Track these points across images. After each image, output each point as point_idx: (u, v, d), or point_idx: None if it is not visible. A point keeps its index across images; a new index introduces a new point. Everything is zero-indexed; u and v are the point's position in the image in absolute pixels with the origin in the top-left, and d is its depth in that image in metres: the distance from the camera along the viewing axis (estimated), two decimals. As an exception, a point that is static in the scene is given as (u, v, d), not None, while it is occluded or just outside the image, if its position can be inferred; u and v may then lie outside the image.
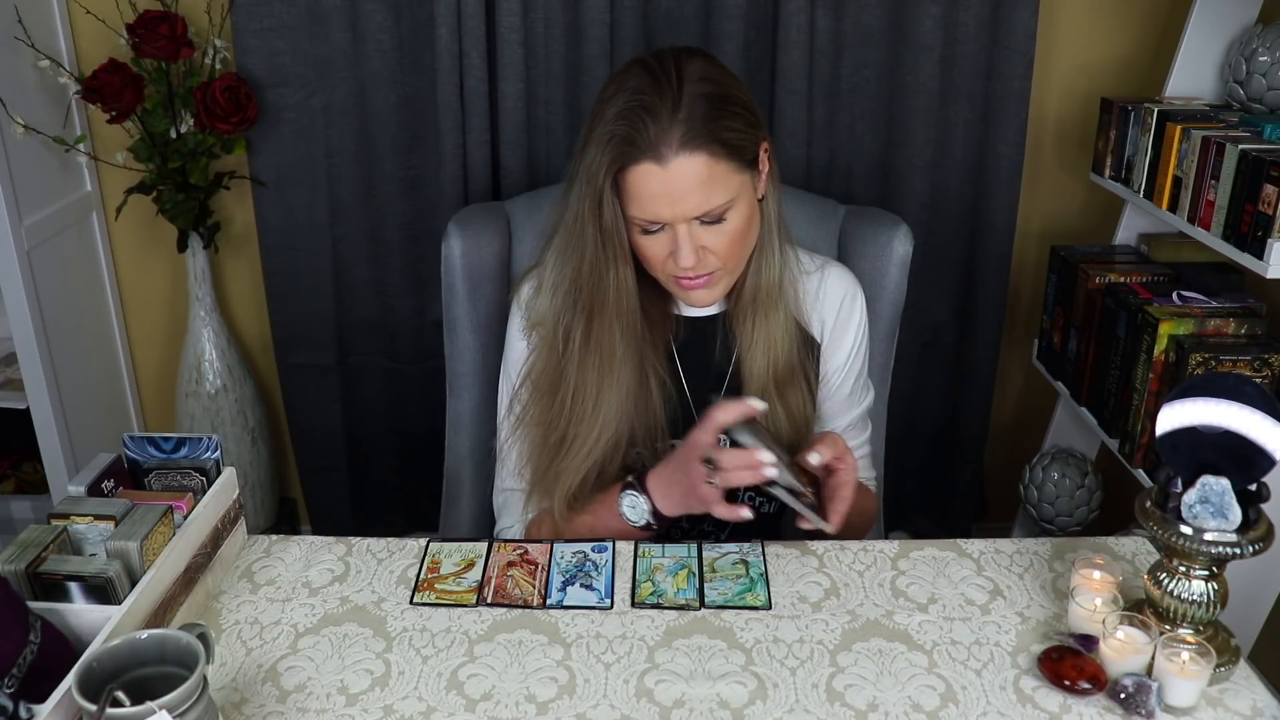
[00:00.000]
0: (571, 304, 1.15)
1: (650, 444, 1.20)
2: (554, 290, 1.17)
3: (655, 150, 1.04)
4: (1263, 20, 1.72)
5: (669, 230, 1.09)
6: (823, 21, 1.83)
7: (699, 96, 1.05)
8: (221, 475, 1.13)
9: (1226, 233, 1.46)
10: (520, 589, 1.10)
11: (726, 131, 1.06)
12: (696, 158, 1.05)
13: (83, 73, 1.88)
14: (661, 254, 1.12)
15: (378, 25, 1.85)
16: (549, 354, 1.19)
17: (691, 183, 1.05)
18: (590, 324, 1.14)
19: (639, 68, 1.09)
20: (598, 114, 1.09)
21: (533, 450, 1.23)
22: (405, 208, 1.99)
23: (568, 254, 1.14)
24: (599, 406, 1.16)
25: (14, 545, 0.95)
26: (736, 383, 1.24)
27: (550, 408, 1.19)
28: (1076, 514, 1.97)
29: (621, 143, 1.05)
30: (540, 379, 1.21)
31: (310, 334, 2.08)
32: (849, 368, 1.29)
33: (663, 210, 1.07)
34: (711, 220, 1.09)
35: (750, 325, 1.20)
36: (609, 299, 1.13)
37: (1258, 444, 0.91)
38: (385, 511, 2.26)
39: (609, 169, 1.06)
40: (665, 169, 1.05)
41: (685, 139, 1.04)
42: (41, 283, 1.87)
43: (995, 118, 1.90)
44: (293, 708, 0.94)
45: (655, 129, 1.04)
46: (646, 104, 1.05)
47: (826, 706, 0.94)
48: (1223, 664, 0.95)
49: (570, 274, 1.14)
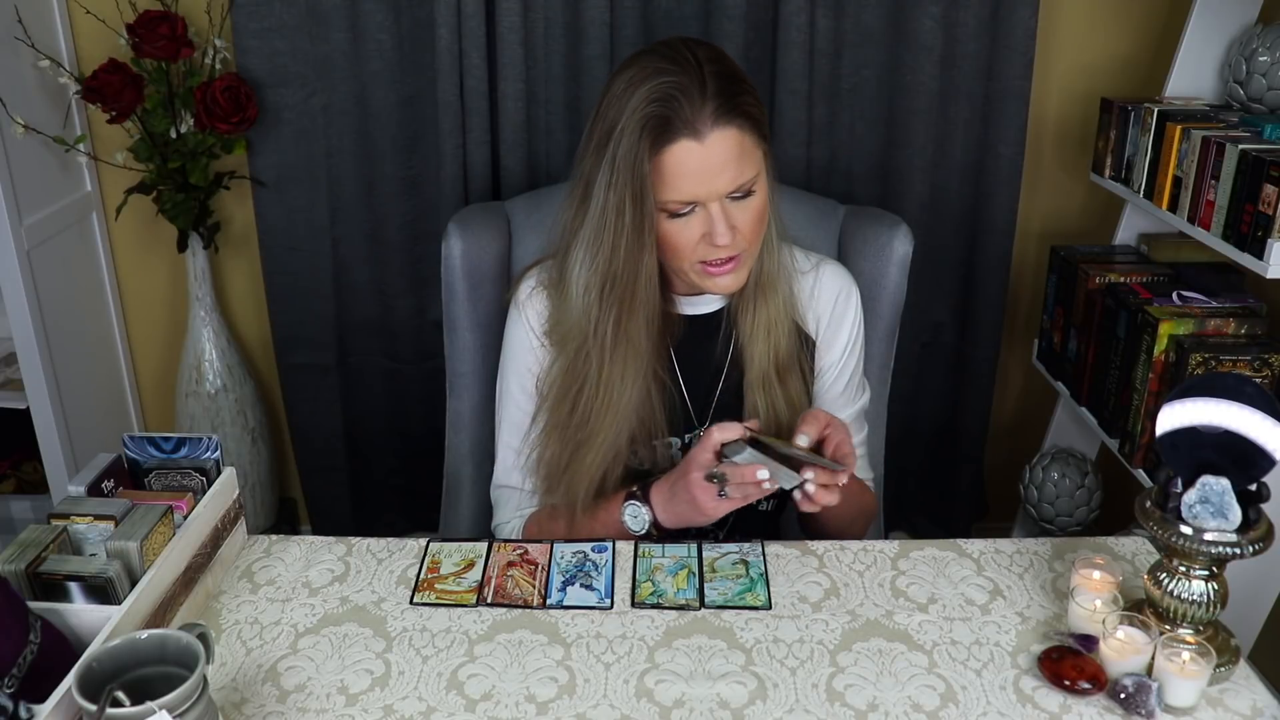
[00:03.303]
0: (602, 298, 1.15)
1: (648, 442, 1.21)
2: (584, 289, 1.16)
3: (692, 127, 1.06)
4: (1263, 20, 1.72)
5: (700, 212, 1.10)
6: (823, 21, 1.83)
7: (718, 74, 1.08)
8: (221, 475, 1.13)
9: (1226, 233, 1.46)
10: (520, 589, 1.10)
11: (748, 105, 1.10)
12: (729, 131, 1.07)
13: (83, 73, 1.88)
14: (692, 239, 1.12)
15: (378, 25, 1.85)
16: (577, 353, 1.19)
17: (727, 157, 1.08)
18: (621, 316, 1.15)
19: (652, 56, 1.10)
20: (614, 108, 1.08)
21: (554, 449, 1.22)
22: (405, 208, 1.99)
23: (597, 249, 1.13)
24: (620, 398, 1.17)
25: (14, 545, 0.95)
26: (735, 375, 1.24)
27: (577, 408, 1.19)
28: (1076, 514, 1.97)
29: (658, 124, 1.06)
30: (566, 380, 1.20)
31: (310, 334, 2.08)
32: (843, 365, 1.29)
33: (700, 188, 1.08)
34: (741, 195, 1.11)
35: (752, 314, 1.21)
36: (640, 288, 1.13)
37: (1258, 444, 0.91)
38: (385, 511, 2.26)
39: (649, 152, 1.07)
40: (704, 144, 1.07)
41: (718, 113, 1.07)
42: (41, 283, 1.87)
43: (995, 118, 1.90)
44: (293, 708, 0.94)
45: (690, 107, 1.06)
46: (677, 84, 1.06)
47: (826, 706, 0.94)
48: (1223, 664, 0.95)
49: (601, 267, 1.13)
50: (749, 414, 1.22)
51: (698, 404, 1.26)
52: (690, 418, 1.26)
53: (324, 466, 2.20)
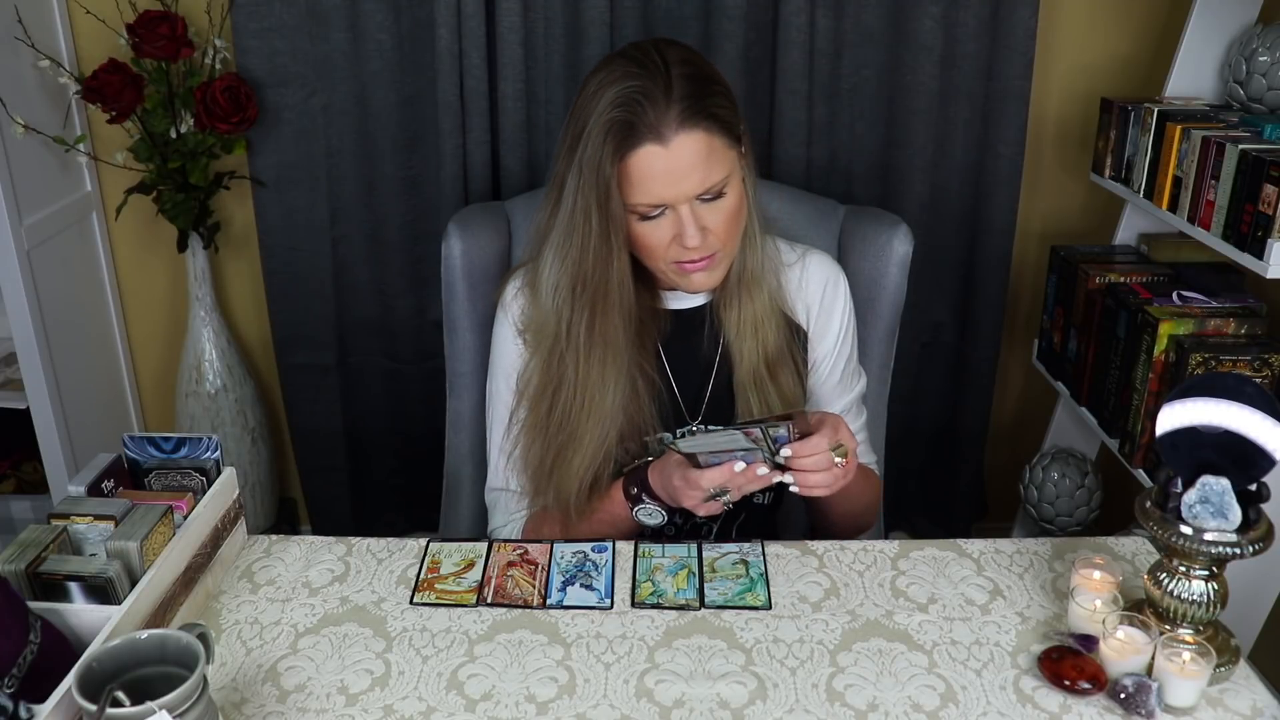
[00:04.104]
0: (573, 299, 1.15)
1: (639, 438, 1.21)
2: (554, 289, 1.17)
3: (657, 132, 1.07)
4: (1263, 20, 1.72)
5: (670, 214, 1.11)
6: (823, 21, 1.83)
7: (685, 77, 1.08)
8: (221, 475, 1.13)
9: (1226, 233, 1.46)
10: (520, 589, 1.10)
11: (716, 108, 1.09)
12: (695, 135, 1.07)
13: (83, 73, 1.88)
14: (663, 240, 1.12)
15: (378, 25, 1.85)
16: (550, 355, 1.19)
17: (693, 160, 1.08)
18: (594, 317, 1.15)
19: (621, 60, 1.11)
20: (585, 110, 1.10)
21: (537, 450, 1.23)
22: (405, 208, 1.99)
23: (566, 250, 1.14)
24: (603, 400, 1.17)
25: (14, 545, 0.95)
26: (726, 371, 1.24)
27: (555, 407, 1.19)
28: (1076, 514, 1.97)
29: (622, 129, 1.07)
30: (542, 381, 1.21)
31: (310, 334, 2.08)
32: (838, 352, 1.29)
33: (667, 191, 1.09)
34: (712, 197, 1.11)
35: (737, 311, 1.21)
36: (612, 289, 1.14)
37: (1258, 444, 0.91)
38: (385, 511, 2.26)
39: (613, 157, 1.07)
40: (668, 149, 1.07)
41: (683, 117, 1.07)
42: (41, 283, 1.87)
43: (995, 118, 1.90)
44: (293, 708, 0.94)
45: (654, 112, 1.06)
46: (641, 89, 1.07)
47: (826, 706, 0.94)
48: (1223, 664, 0.95)
49: (570, 269, 1.14)
50: (742, 411, 1.23)
51: (689, 399, 1.26)
52: (682, 413, 1.26)
53: (324, 466, 2.20)
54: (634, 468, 1.21)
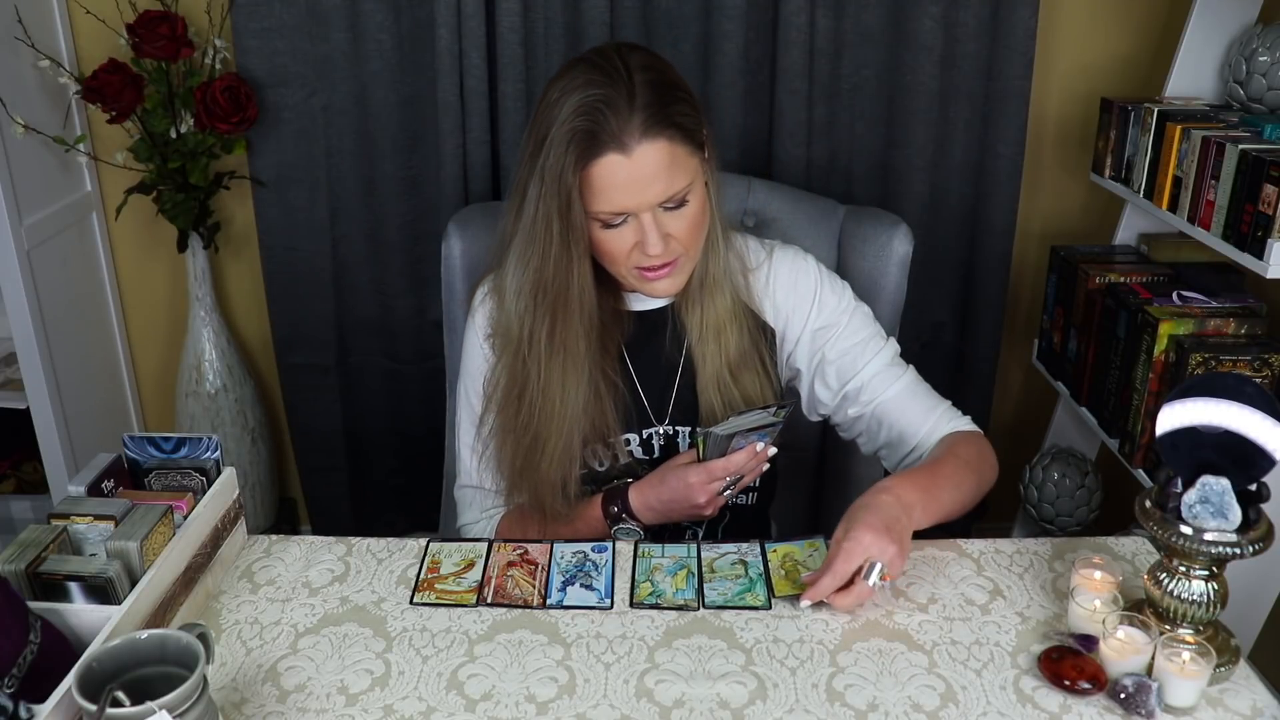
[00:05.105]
0: (535, 305, 1.15)
1: (603, 440, 1.22)
2: (516, 294, 1.17)
3: (619, 141, 1.06)
4: (1263, 20, 1.72)
5: (632, 222, 1.10)
6: (823, 21, 1.83)
7: (648, 84, 1.07)
8: (221, 475, 1.13)
9: (1226, 233, 1.46)
10: (520, 589, 1.10)
11: (679, 115, 1.09)
12: (658, 144, 1.07)
13: (83, 73, 1.88)
14: (625, 247, 1.12)
15: (378, 25, 1.85)
16: (514, 358, 1.19)
17: (655, 169, 1.07)
18: (554, 324, 1.15)
19: (584, 66, 1.09)
20: (547, 117, 1.08)
21: (509, 450, 1.23)
22: (405, 208, 1.99)
23: (528, 257, 1.13)
24: (564, 404, 1.17)
25: (14, 545, 0.95)
26: (690, 373, 1.24)
27: (520, 411, 1.19)
28: (1076, 514, 1.97)
29: (584, 138, 1.06)
30: (508, 383, 1.21)
31: (310, 334, 2.08)
32: (848, 326, 1.24)
33: (629, 200, 1.08)
34: (674, 205, 1.10)
35: (699, 314, 1.21)
36: (572, 297, 1.13)
37: (1258, 444, 0.91)
38: (385, 511, 2.26)
39: (575, 166, 1.06)
40: (630, 158, 1.06)
41: (645, 126, 1.06)
42: (41, 283, 1.87)
43: (995, 118, 1.90)
44: (293, 708, 0.94)
45: (617, 121, 1.05)
46: (604, 98, 1.06)
47: (826, 706, 0.94)
48: (1223, 664, 0.95)
49: (532, 276, 1.14)
50: (705, 414, 1.23)
51: (655, 400, 1.26)
52: (648, 415, 1.26)
53: (324, 466, 2.20)
54: (613, 487, 1.22)
